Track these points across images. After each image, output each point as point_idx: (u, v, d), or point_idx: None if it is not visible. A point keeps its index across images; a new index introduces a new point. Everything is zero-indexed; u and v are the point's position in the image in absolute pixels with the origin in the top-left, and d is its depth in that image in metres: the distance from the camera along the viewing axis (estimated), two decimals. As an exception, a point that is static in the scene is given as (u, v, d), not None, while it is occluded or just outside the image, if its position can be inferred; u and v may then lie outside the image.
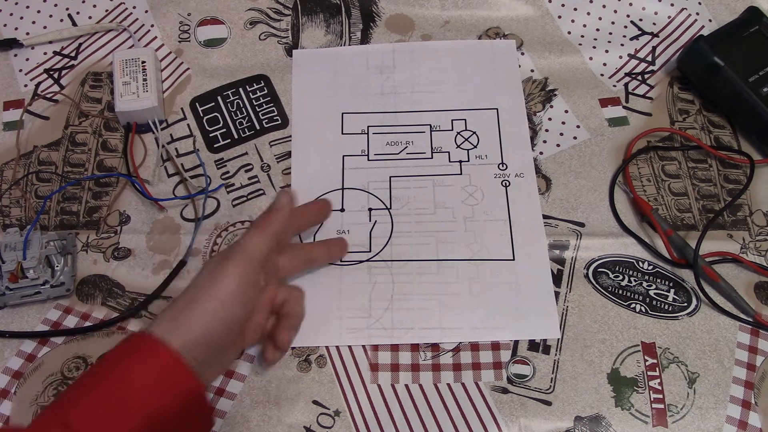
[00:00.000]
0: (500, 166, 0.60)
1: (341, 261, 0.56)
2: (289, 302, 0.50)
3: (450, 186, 0.59)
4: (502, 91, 0.64)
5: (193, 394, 0.41)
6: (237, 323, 0.44)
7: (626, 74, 0.66)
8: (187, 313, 0.42)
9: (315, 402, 0.51)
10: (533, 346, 0.53)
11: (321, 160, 0.61)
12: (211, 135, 0.63)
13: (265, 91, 0.65)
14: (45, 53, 0.67)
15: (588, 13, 0.69)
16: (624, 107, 0.64)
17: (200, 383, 0.41)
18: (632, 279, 0.56)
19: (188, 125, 0.63)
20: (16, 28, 0.68)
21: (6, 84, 0.65)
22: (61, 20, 0.68)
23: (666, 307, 0.54)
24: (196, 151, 0.62)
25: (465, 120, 0.63)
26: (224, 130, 0.63)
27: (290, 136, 0.63)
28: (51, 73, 0.66)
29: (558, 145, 0.62)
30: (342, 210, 0.59)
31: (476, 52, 0.67)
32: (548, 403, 0.51)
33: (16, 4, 0.69)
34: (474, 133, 0.62)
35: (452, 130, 0.62)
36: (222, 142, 0.62)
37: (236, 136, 0.63)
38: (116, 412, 0.38)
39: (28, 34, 0.67)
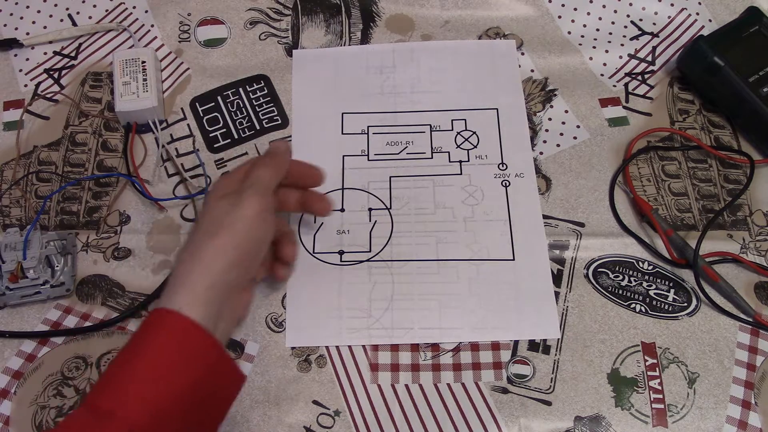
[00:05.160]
0: (500, 166, 0.60)
1: (342, 261, 0.56)
2: (279, 224, 0.52)
3: (450, 186, 0.59)
4: (502, 91, 0.64)
5: (215, 356, 0.42)
6: (263, 243, 0.47)
7: (626, 74, 0.66)
8: (215, 242, 0.44)
9: (315, 402, 0.51)
10: (533, 346, 0.53)
11: (321, 160, 0.60)
12: (211, 135, 0.63)
13: (265, 91, 0.65)
14: (45, 53, 0.67)
15: (588, 13, 0.69)
16: (624, 107, 0.64)
17: (218, 344, 0.42)
18: (632, 279, 0.56)
19: (188, 125, 0.63)
20: (16, 28, 0.68)
21: (6, 84, 0.65)
22: (61, 20, 0.68)
23: (666, 307, 0.54)
24: (196, 151, 0.62)
25: (465, 120, 0.63)
26: (224, 130, 0.63)
27: (290, 136, 0.63)
28: (51, 73, 0.66)
29: (558, 145, 0.62)
30: (342, 210, 0.59)
31: (476, 52, 0.67)
32: (548, 403, 0.51)
33: (16, 4, 0.69)
34: (474, 133, 0.62)
35: (452, 130, 0.62)
36: (222, 142, 0.62)
37: (236, 136, 0.63)
38: (145, 388, 0.39)
39: (28, 34, 0.67)
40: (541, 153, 0.61)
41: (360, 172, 0.60)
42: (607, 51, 0.67)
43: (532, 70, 0.66)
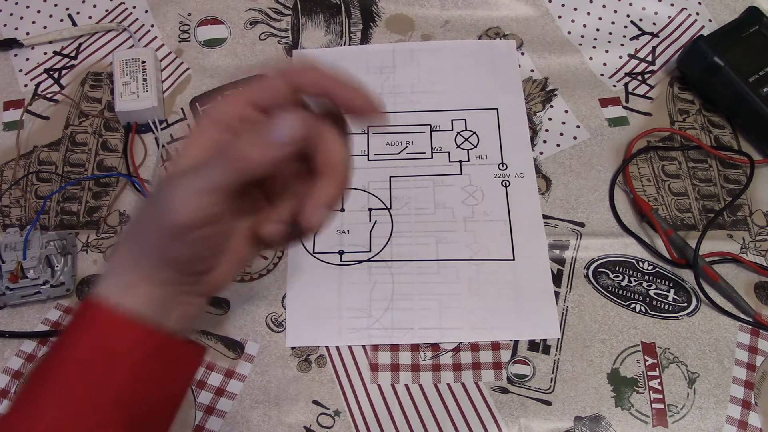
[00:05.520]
0: (500, 166, 0.60)
1: (342, 261, 0.56)
2: (322, 146, 0.34)
3: (450, 186, 0.59)
4: (502, 91, 0.64)
5: (157, 343, 0.34)
6: (195, 263, 0.34)
7: (626, 74, 0.66)
8: (124, 248, 0.35)
9: (315, 402, 0.51)
10: (533, 346, 0.53)
11: (321, 160, 0.61)
12: (211, 135, 0.63)
13: (265, 91, 0.65)
14: (45, 53, 0.67)
15: (588, 13, 0.69)
16: (624, 107, 0.64)
17: (156, 331, 0.34)
18: (632, 279, 0.56)
19: (188, 125, 0.63)
20: (16, 28, 0.68)
21: (6, 84, 0.65)
22: (61, 20, 0.68)
23: (666, 307, 0.54)
24: (196, 151, 0.62)
25: (465, 120, 0.63)
26: (224, 130, 0.63)
27: (290, 136, 0.62)
28: (51, 73, 0.66)
29: (558, 145, 0.62)
30: (342, 210, 0.59)
31: (476, 52, 0.67)
32: (548, 403, 0.51)
33: (16, 4, 0.69)
34: (474, 133, 0.62)
35: (452, 130, 0.62)
36: (222, 142, 0.62)
37: (236, 136, 0.63)
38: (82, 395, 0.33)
39: (28, 34, 0.67)
40: (541, 153, 0.61)
41: (360, 172, 0.60)
42: (607, 51, 0.67)
43: (532, 70, 0.66)
